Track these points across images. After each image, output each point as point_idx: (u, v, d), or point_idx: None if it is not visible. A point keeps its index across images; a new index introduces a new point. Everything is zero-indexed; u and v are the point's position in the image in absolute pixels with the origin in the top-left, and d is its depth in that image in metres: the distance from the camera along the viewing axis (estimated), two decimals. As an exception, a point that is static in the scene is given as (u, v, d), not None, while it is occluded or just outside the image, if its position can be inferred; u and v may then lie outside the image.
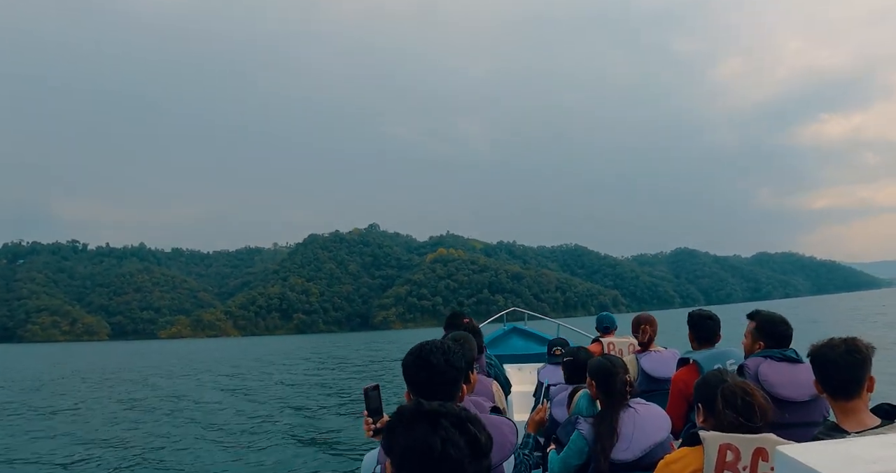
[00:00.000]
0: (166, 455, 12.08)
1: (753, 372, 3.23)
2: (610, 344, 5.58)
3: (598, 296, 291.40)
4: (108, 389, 27.22)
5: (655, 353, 4.72)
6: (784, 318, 3.49)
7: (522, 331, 10.18)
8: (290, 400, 19.77)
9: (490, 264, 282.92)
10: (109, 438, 14.21)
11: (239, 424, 15.36)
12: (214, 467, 10.99)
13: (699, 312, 4.17)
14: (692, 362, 3.89)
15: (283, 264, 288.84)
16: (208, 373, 34.83)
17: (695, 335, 4.11)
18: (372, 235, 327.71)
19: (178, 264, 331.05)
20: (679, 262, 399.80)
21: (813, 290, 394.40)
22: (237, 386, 26.29)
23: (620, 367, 3.08)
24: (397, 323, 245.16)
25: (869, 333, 26.70)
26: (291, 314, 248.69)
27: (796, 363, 3.31)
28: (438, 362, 2.09)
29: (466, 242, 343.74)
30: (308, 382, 26.59)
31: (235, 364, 43.77)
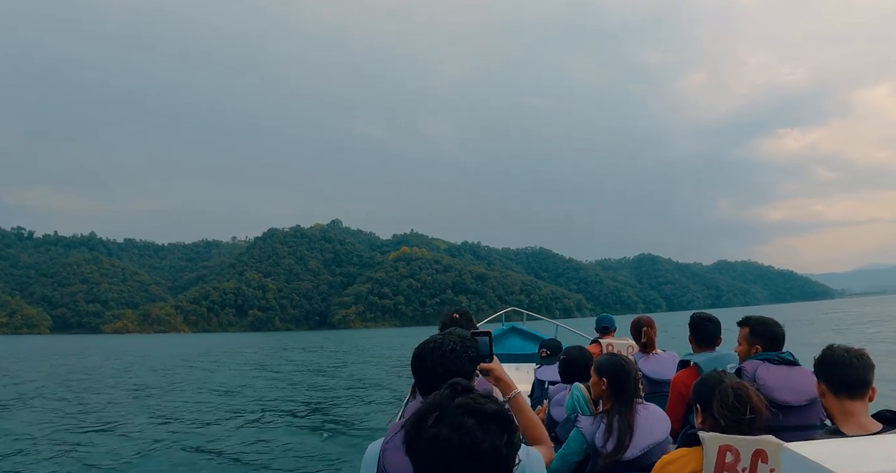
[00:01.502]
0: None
1: (751, 376, 3.24)
2: (609, 346, 5.40)
3: (563, 300, 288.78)
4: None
5: (655, 356, 4.73)
6: (775, 320, 3.53)
7: (520, 331, 9.99)
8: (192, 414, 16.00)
9: (454, 264, 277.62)
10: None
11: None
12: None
13: (700, 315, 4.17)
14: (692, 364, 3.90)
15: (241, 258, 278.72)
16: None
17: (695, 337, 4.12)
18: (334, 231, 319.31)
19: (130, 256, 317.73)
20: (642, 268, 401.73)
21: (771, 299, 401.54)
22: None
23: (634, 365, 3.08)
24: (357, 322, 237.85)
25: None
26: (247, 310, 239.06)
27: (793, 366, 3.34)
28: (434, 364, 2.10)
29: (431, 242, 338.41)
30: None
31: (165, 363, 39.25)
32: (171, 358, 44.46)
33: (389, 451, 2.00)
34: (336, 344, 69.16)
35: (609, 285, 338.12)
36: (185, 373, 30.51)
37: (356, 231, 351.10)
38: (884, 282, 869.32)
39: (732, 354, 3.84)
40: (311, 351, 52.00)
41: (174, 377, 28.11)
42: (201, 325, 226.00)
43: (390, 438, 2.03)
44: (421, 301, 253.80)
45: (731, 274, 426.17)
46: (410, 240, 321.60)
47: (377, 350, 52.86)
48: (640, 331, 4.85)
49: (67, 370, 34.09)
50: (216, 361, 41.19)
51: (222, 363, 38.89)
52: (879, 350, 22.42)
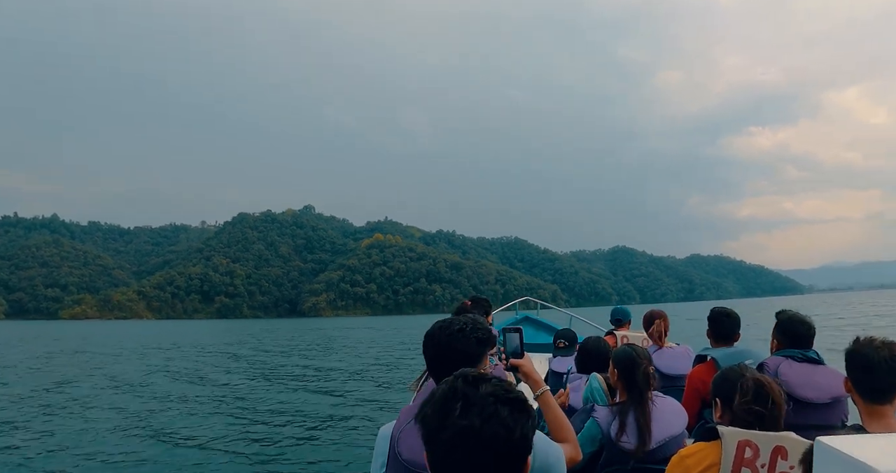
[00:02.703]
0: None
1: (773, 372, 3.22)
2: (623, 338, 5.52)
3: (538, 290, 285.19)
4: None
5: (668, 350, 4.69)
6: (805, 319, 3.46)
7: (534, 321, 10.03)
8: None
9: (428, 252, 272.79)
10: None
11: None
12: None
13: (719, 310, 4.10)
14: (710, 359, 3.86)
15: (208, 243, 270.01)
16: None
17: (713, 332, 4.06)
18: (306, 217, 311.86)
19: (93, 239, 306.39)
20: (616, 260, 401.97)
21: (742, 293, 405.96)
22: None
23: (644, 358, 3.06)
24: (327, 310, 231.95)
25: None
26: (213, 296, 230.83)
27: (817, 364, 3.29)
28: (441, 342, 2.09)
29: (405, 229, 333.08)
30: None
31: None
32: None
33: (404, 434, 1.98)
34: (315, 335, 64.15)
35: (584, 276, 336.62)
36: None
37: (329, 217, 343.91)
38: (847, 280, 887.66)
39: (751, 350, 3.81)
40: (286, 343, 47.09)
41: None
42: (165, 312, 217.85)
43: (404, 423, 2.01)
44: (394, 289, 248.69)
45: (704, 268, 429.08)
46: (384, 228, 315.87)
47: (358, 340, 47.97)
48: (651, 324, 4.82)
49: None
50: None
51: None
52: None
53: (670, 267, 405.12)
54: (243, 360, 29.25)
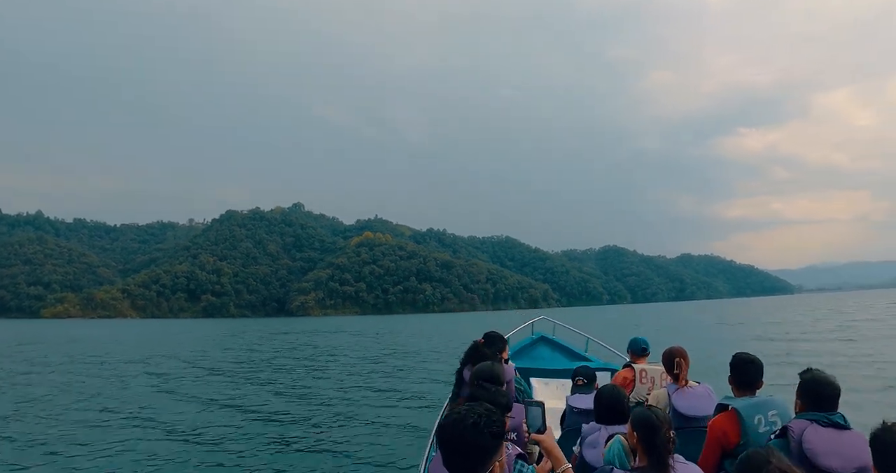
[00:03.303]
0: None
1: (798, 437, 3.11)
2: (642, 372, 5.45)
3: (529, 289, 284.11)
4: None
5: (689, 389, 4.56)
6: (830, 379, 3.29)
7: (550, 341, 9.87)
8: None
9: (419, 251, 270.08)
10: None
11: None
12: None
13: (742, 356, 3.91)
14: (731, 409, 3.71)
15: (195, 241, 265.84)
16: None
17: (735, 379, 3.89)
18: (295, 215, 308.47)
19: (79, 236, 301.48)
20: (607, 259, 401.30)
21: (733, 292, 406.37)
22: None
23: (665, 421, 2.97)
24: (316, 309, 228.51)
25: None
26: (199, 295, 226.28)
27: (843, 429, 3.15)
28: (452, 437, 2.10)
29: (395, 228, 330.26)
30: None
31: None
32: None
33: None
34: (308, 336, 61.57)
35: (575, 276, 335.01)
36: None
37: (319, 215, 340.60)
38: (835, 280, 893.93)
39: (775, 399, 3.71)
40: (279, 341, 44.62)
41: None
42: (150, 310, 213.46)
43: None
44: (383, 288, 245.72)
45: (695, 268, 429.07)
46: (374, 226, 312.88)
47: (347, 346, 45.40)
48: (672, 362, 4.65)
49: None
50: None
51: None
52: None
53: (661, 266, 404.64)
54: (225, 365, 26.91)
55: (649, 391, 5.25)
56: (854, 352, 23.99)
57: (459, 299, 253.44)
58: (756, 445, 3.37)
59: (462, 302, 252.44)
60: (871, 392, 14.61)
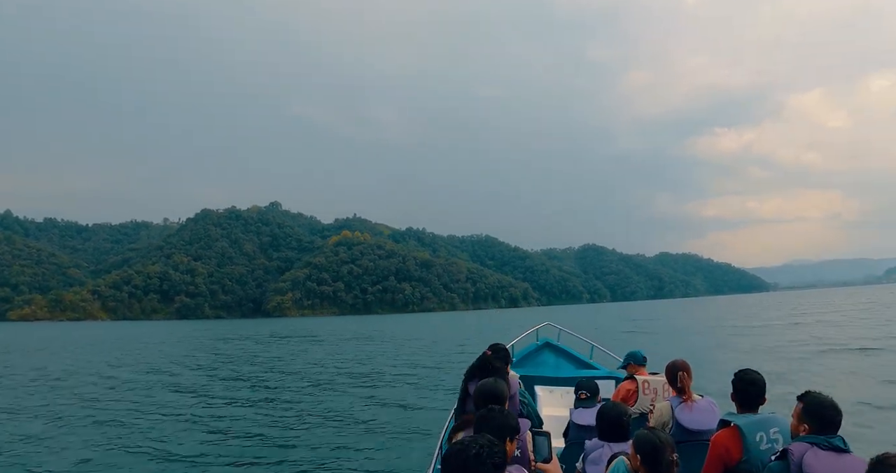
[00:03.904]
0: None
1: (798, 460, 3.14)
2: (645, 383, 5.44)
3: (509, 289, 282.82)
4: None
5: (692, 403, 4.57)
6: (834, 403, 3.30)
7: (555, 348, 9.77)
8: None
9: (398, 250, 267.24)
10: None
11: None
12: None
13: (743, 375, 3.91)
14: (734, 426, 3.74)
15: (169, 240, 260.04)
16: None
17: (738, 397, 3.91)
18: (272, 214, 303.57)
19: (49, 236, 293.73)
20: (587, 258, 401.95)
21: (710, 290, 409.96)
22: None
23: (668, 445, 3.00)
24: (293, 309, 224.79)
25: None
26: (173, 296, 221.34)
27: (843, 453, 3.17)
28: (455, 468, 2.16)
29: (374, 227, 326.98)
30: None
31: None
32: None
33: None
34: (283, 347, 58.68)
35: (555, 274, 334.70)
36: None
37: (296, 214, 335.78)
38: (809, 277, 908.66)
39: (778, 417, 3.76)
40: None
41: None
42: (121, 312, 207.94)
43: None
44: (362, 288, 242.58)
45: (673, 266, 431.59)
46: (353, 225, 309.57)
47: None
48: (675, 376, 4.67)
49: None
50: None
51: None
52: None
53: (640, 265, 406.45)
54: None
55: (652, 402, 5.21)
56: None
57: (439, 298, 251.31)
58: (757, 462, 3.52)
59: (442, 301, 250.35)
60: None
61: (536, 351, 9.71)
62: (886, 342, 25.89)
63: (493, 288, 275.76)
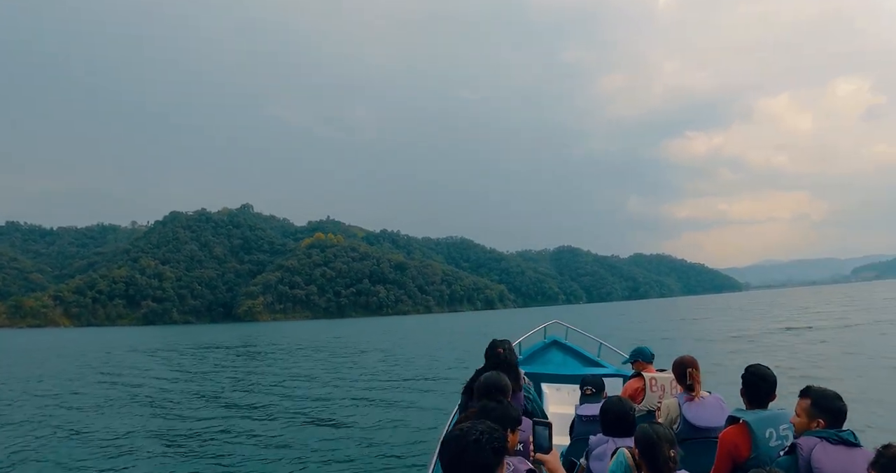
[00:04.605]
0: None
1: (807, 455, 3.10)
2: (652, 380, 5.34)
3: (485, 290, 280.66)
4: None
5: (700, 400, 4.52)
6: (838, 394, 3.30)
7: (563, 346, 9.78)
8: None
9: (372, 252, 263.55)
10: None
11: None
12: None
13: (753, 371, 3.88)
14: (742, 422, 3.73)
15: (136, 244, 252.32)
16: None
17: (747, 393, 3.88)
18: (244, 216, 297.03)
19: (11, 240, 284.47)
20: (562, 259, 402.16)
21: (684, 291, 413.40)
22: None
23: (665, 440, 2.97)
24: (265, 313, 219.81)
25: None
26: (139, 301, 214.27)
27: (853, 446, 3.12)
28: (454, 454, 2.12)
29: (348, 229, 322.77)
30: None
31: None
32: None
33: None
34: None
35: (531, 276, 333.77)
36: None
37: (268, 216, 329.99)
38: (779, 277, 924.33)
39: (786, 414, 3.67)
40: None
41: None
42: (85, 318, 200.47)
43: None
44: (336, 291, 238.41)
45: (647, 267, 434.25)
46: (326, 227, 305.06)
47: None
48: (684, 373, 4.61)
49: None
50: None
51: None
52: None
53: (615, 266, 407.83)
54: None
55: (660, 399, 5.19)
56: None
57: (414, 301, 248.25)
58: (767, 458, 3.45)
59: (417, 304, 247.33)
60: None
61: (544, 349, 9.66)
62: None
63: (469, 290, 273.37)
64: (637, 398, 5.24)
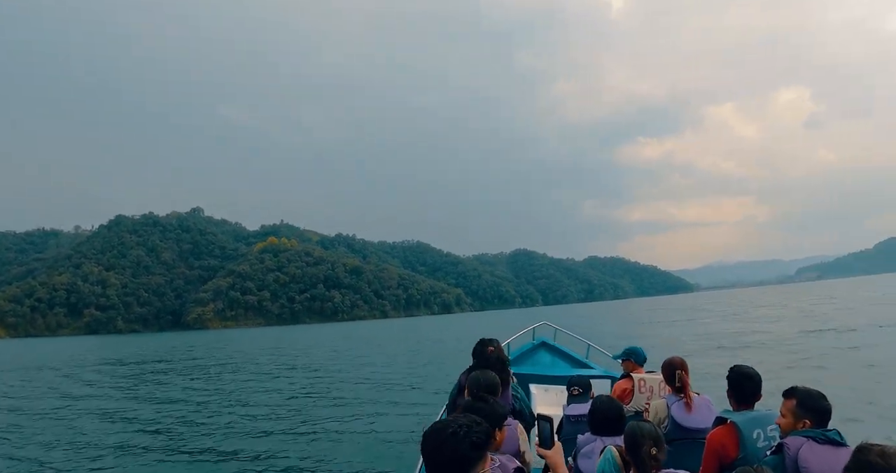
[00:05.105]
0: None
1: (794, 455, 3.10)
2: (641, 381, 5.31)
3: (442, 294, 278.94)
4: None
5: (688, 401, 4.50)
6: (822, 393, 3.31)
7: (551, 347, 9.84)
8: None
9: (327, 257, 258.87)
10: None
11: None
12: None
13: (739, 370, 3.89)
14: (730, 423, 3.73)
15: (79, 249, 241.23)
16: None
17: (734, 394, 3.88)
18: (194, 220, 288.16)
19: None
20: (518, 263, 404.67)
21: (638, 292, 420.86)
22: None
23: (649, 437, 2.96)
24: (215, 321, 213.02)
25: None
26: (82, 309, 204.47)
27: (839, 446, 3.11)
28: (432, 447, 2.09)
29: (302, 233, 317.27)
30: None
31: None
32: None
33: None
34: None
35: (487, 279, 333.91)
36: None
37: (220, 220, 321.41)
38: (728, 278, 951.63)
39: (774, 414, 3.66)
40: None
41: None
42: (23, 328, 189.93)
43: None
44: (289, 296, 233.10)
45: (602, 270, 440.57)
46: (280, 231, 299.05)
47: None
48: (673, 374, 4.60)
49: None
50: None
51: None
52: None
53: (570, 269, 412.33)
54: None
55: (648, 400, 5.20)
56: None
57: (370, 306, 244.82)
58: (754, 459, 3.45)
59: (373, 308, 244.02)
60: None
61: (532, 350, 9.68)
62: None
63: (426, 294, 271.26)
64: (625, 399, 5.21)
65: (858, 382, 14.89)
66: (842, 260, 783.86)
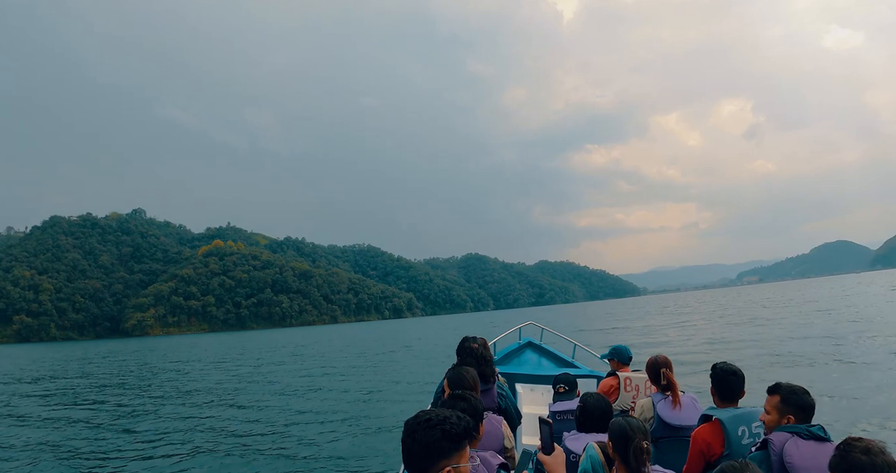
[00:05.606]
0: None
1: (779, 450, 3.10)
2: (627, 380, 5.32)
3: (393, 299, 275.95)
4: None
5: (673, 399, 4.50)
6: (805, 389, 3.34)
7: (538, 347, 9.79)
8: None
9: (275, 260, 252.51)
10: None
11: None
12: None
13: (722, 367, 3.88)
14: (715, 420, 3.73)
15: (9, 252, 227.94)
16: None
17: (717, 391, 3.88)
18: (135, 222, 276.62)
19: None
20: (469, 267, 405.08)
21: (588, 296, 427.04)
22: None
23: (639, 431, 2.93)
24: (156, 327, 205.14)
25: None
26: (11, 316, 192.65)
27: (824, 441, 3.12)
28: (406, 435, 2.06)
29: (249, 236, 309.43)
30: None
31: None
32: None
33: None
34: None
35: (439, 284, 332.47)
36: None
37: (163, 223, 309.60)
38: (673, 282, 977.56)
39: (758, 411, 3.64)
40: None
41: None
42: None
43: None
44: (235, 301, 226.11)
45: (552, 274, 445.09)
46: (227, 234, 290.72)
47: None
48: (658, 373, 4.60)
49: None
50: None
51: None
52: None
53: (521, 273, 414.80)
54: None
55: (634, 399, 5.23)
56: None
57: (319, 311, 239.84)
58: (739, 456, 3.43)
59: (322, 313, 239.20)
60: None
61: (518, 350, 9.65)
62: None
63: (377, 298, 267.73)
64: (611, 396, 5.23)
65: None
66: (781, 264, 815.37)
